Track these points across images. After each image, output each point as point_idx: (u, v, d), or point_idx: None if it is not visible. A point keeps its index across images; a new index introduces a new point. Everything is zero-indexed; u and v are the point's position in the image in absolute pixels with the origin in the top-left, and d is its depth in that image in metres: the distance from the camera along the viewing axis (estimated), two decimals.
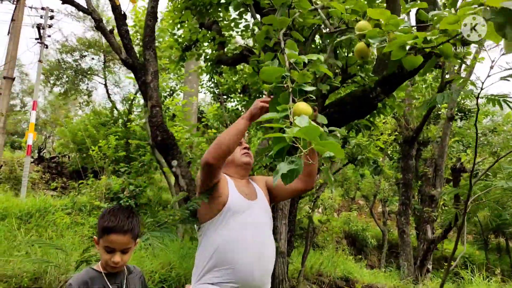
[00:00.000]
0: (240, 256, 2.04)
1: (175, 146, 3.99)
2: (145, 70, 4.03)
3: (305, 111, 1.32)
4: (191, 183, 3.97)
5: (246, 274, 2.03)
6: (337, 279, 4.94)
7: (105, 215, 1.81)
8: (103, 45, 16.67)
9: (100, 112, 16.13)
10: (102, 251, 1.78)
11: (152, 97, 3.97)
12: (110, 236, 1.75)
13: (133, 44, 4.29)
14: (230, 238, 2.06)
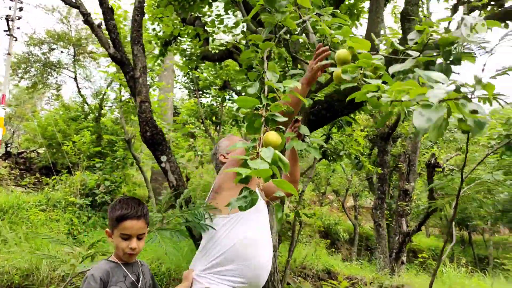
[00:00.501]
0: (258, 254, 2.12)
1: (164, 142, 4.00)
2: (134, 65, 4.02)
3: (274, 142, 1.38)
4: (180, 179, 4.00)
5: (259, 271, 2.12)
6: (319, 272, 5.08)
7: (116, 205, 1.87)
8: (73, 38, 16.30)
9: (70, 106, 15.80)
10: (119, 240, 1.84)
11: (141, 92, 3.96)
12: (126, 223, 1.81)
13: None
14: (251, 236, 2.12)
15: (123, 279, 1.85)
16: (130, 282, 1.87)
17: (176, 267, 3.93)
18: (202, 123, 10.97)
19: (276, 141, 1.38)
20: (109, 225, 1.88)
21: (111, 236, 1.88)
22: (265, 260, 2.16)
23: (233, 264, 2.08)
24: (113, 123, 14.73)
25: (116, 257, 1.90)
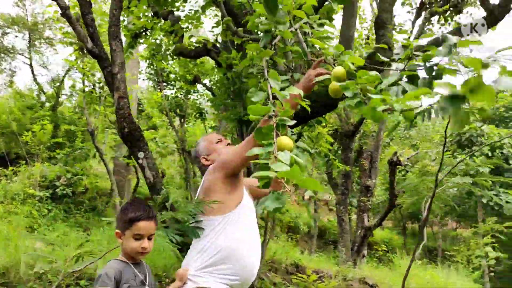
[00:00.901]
0: (251, 253, 2.23)
1: (141, 138, 4.01)
2: (112, 61, 3.99)
3: (287, 146, 1.44)
4: (157, 175, 4.03)
5: (251, 269, 2.22)
6: (288, 266, 5.25)
7: (128, 208, 1.96)
8: (29, 23, 15.65)
9: (24, 94, 15.23)
10: (131, 241, 1.92)
11: (120, 88, 3.94)
12: (139, 224, 1.91)
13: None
14: (244, 235, 2.22)
15: (133, 277, 1.94)
16: (139, 281, 1.96)
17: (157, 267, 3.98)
18: (167, 115, 10.91)
19: (289, 144, 1.44)
20: (119, 227, 1.97)
21: (121, 237, 1.96)
22: (256, 258, 2.27)
23: (228, 263, 2.17)
24: (71, 113, 14.34)
25: (124, 257, 1.97)
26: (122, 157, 9.22)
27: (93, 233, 7.34)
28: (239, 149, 2.18)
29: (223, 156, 2.29)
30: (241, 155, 2.16)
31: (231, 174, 2.22)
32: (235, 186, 2.26)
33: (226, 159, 2.23)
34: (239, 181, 2.29)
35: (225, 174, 2.22)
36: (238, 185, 2.28)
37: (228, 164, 2.21)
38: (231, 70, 3.98)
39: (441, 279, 6.85)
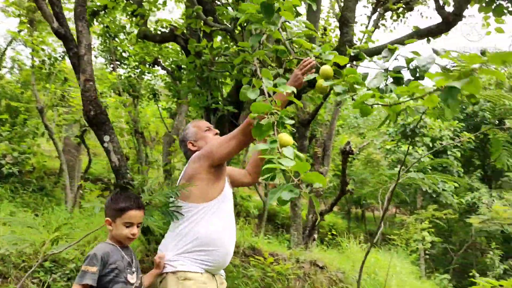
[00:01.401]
0: (227, 241, 2.38)
1: (107, 122, 3.99)
2: (78, 42, 3.92)
3: (288, 142, 1.57)
4: (122, 159, 4.03)
5: (224, 257, 2.37)
6: (245, 249, 5.44)
7: (118, 198, 2.11)
8: None
9: None
10: (121, 228, 2.07)
11: (86, 71, 3.89)
12: (130, 213, 2.07)
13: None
14: (222, 224, 2.36)
15: (121, 259, 2.06)
16: (127, 262, 2.09)
17: None
18: (119, 95, 10.68)
19: (289, 141, 1.57)
20: (109, 215, 2.10)
21: (111, 224, 2.09)
22: (231, 246, 2.43)
23: (206, 250, 2.30)
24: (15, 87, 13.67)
25: (113, 241, 2.11)
26: (74, 137, 8.98)
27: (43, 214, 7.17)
28: (225, 141, 2.30)
29: (209, 146, 2.38)
30: (227, 147, 2.28)
31: (215, 164, 2.33)
32: (218, 176, 2.37)
33: (212, 150, 2.34)
34: (223, 172, 2.41)
35: (210, 164, 2.33)
36: (221, 176, 2.40)
37: (214, 155, 2.31)
38: (199, 58, 4.04)
39: (383, 261, 7.30)
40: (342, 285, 5.94)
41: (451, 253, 13.40)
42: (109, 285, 2.00)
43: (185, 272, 2.25)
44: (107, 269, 2.00)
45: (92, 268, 1.96)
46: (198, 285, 2.24)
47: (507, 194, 11.59)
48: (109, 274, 2.01)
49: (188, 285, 2.23)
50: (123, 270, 2.05)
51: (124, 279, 2.05)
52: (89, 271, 1.95)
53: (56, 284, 3.38)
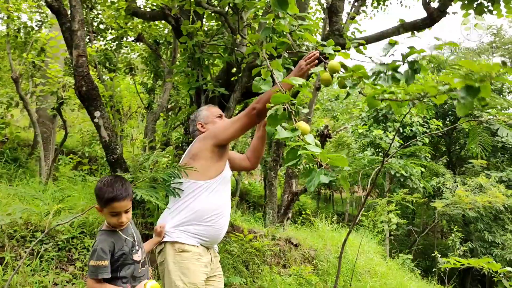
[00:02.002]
0: (221, 218, 2.54)
1: (98, 97, 4.05)
2: (72, 17, 3.94)
3: (307, 130, 1.66)
4: (113, 135, 4.12)
5: (220, 231, 2.55)
6: None
7: (102, 188, 2.12)
8: None
9: None
10: (108, 217, 2.14)
11: (79, 46, 3.92)
12: (113, 204, 2.10)
13: None
14: (217, 202, 2.52)
15: (124, 243, 2.16)
16: (130, 244, 2.19)
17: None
18: (95, 68, 10.52)
19: (308, 129, 1.67)
20: (98, 203, 2.15)
21: (101, 211, 2.15)
22: (225, 223, 2.61)
23: (200, 224, 2.47)
24: None
25: (110, 225, 2.18)
26: (50, 109, 8.85)
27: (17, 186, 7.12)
28: (230, 124, 2.45)
29: (215, 127, 2.54)
30: (232, 129, 2.44)
31: (219, 144, 2.49)
32: (220, 157, 2.53)
33: (217, 131, 2.49)
34: (225, 153, 2.56)
35: (214, 144, 2.48)
36: (223, 157, 2.55)
37: (218, 135, 2.47)
38: (192, 39, 4.12)
39: (353, 241, 7.64)
40: (315, 261, 6.24)
41: (414, 234, 14.02)
42: (118, 269, 2.11)
43: (182, 244, 2.42)
44: (115, 256, 2.10)
45: (103, 262, 2.04)
46: (194, 257, 2.42)
47: (470, 180, 12.17)
48: (118, 260, 2.11)
49: (186, 256, 2.41)
50: (129, 253, 2.15)
51: (131, 260, 2.16)
52: (100, 266, 2.03)
53: (48, 253, 3.48)
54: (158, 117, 5.94)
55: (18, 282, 2.99)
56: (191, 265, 2.37)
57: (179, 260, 2.39)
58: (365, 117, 13.15)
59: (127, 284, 2.12)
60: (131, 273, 2.15)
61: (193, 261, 2.39)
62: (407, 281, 7.25)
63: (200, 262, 2.42)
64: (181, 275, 2.35)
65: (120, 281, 2.11)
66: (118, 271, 2.11)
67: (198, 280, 2.37)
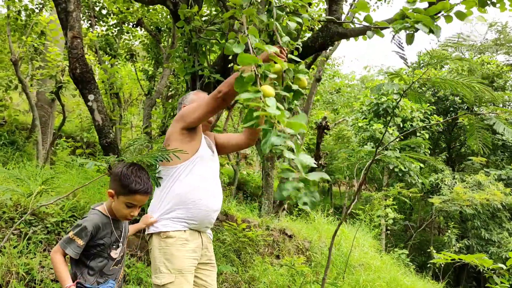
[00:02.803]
0: (205, 198, 2.48)
1: (93, 81, 4.00)
2: None
3: (271, 93, 1.58)
4: (106, 118, 4.08)
5: (207, 213, 2.49)
6: (219, 214, 5.60)
7: (129, 175, 2.02)
8: None
9: None
10: (122, 206, 2.04)
11: (74, 27, 3.87)
12: (137, 197, 2.02)
13: None
14: (197, 183, 2.46)
15: (109, 234, 2.09)
16: (114, 238, 2.12)
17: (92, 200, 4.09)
18: (96, 53, 10.45)
19: (271, 93, 1.58)
20: (114, 188, 2.04)
21: (113, 197, 2.05)
22: (212, 203, 2.52)
23: (183, 208, 2.43)
24: None
25: (108, 212, 2.10)
26: (48, 93, 8.81)
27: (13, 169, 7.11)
28: (197, 107, 2.41)
29: (183, 110, 2.51)
30: (198, 112, 2.41)
31: (187, 127, 2.46)
32: (192, 137, 2.49)
33: (184, 114, 2.46)
34: (196, 134, 2.52)
35: (182, 126, 2.46)
36: (195, 137, 2.51)
37: (185, 118, 2.44)
38: (189, 24, 4.06)
39: (348, 234, 7.62)
40: (309, 253, 6.22)
41: (411, 230, 14.02)
42: (90, 257, 2.03)
43: (166, 232, 2.39)
44: (94, 242, 2.02)
45: (79, 240, 1.95)
46: (179, 243, 2.38)
47: (469, 177, 12.13)
48: (94, 248, 2.03)
49: (170, 242, 2.37)
50: (108, 247, 2.07)
51: (107, 254, 2.08)
52: (75, 242, 1.94)
53: (36, 236, 3.45)
54: (155, 103, 5.90)
55: (3, 264, 2.96)
56: (175, 250, 2.34)
57: (164, 246, 2.36)
58: (366, 111, 13.09)
59: (92, 277, 2.03)
60: (101, 267, 2.07)
61: (178, 247, 2.35)
62: (401, 276, 7.24)
63: (187, 248, 2.38)
64: (165, 261, 2.32)
65: (87, 270, 2.02)
66: (89, 259, 2.04)
67: (184, 265, 2.33)
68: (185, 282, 2.31)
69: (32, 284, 3.08)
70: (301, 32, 4.32)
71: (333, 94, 14.85)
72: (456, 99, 13.52)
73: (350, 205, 3.11)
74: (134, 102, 17.31)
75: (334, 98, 14.92)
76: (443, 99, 14.12)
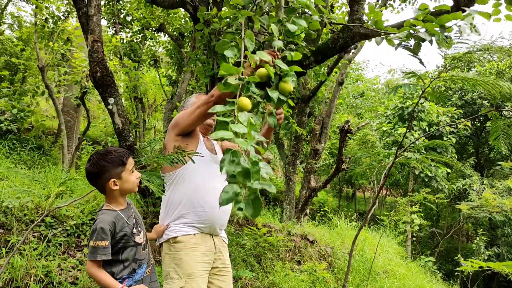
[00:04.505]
0: (209, 200, 2.43)
1: (113, 84, 4.02)
2: (88, 2, 3.92)
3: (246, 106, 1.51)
4: (126, 122, 4.09)
5: (211, 214, 2.44)
6: (240, 219, 5.56)
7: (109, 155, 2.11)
8: None
9: None
10: (129, 177, 2.13)
11: (94, 31, 3.90)
12: (130, 159, 2.13)
13: None
14: (200, 185, 2.43)
15: (126, 224, 2.10)
16: (132, 224, 2.13)
17: None
18: (121, 59, 10.60)
19: (248, 105, 1.52)
20: (113, 174, 2.08)
21: (116, 183, 2.09)
22: (216, 205, 2.42)
23: (189, 211, 2.40)
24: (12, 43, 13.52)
25: (113, 205, 2.13)
26: (74, 98, 8.96)
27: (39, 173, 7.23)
28: (190, 112, 2.37)
29: (177, 117, 2.48)
30: (190, 118, 2.37)
31: (181, 133, 2.43)
32: (187, 143, 2.46)
33: (177, 120, 2.44)
34: (192, 138, 2.49)
35: (176, 133, 2.44)
36: (191, 142, 2.48)
37: (179, 124, 2.42)
38: (208, 27, 4.04)
39: (372, 240, 7.47)
40: (331, 259, 6.10)
41: (438, 237, 13.67)
42: (120, 251, 2.05)
43: (175, 237, 2.36)
44: (116, 238, 2.04)
45: (102, 242, 1.97)
46: (187, 247, 2.35)
47: (498, 183, 11.76)
48: (119, 242, 2.05)
49: (179, 247, 2.35)
50: (130, 235, 2.09)
51: (133, 242, 2.10)
52: (100, 246, 1.96)
53: (56, 239, 3.47)
54: (175, 107, 5.90)
55: (22, 266, 2.98)
56: (184, 255, 2.31)
57: (173, 252, 2.35)
58: (390, 115, 12.86)
59: (127, 269, 2.07)
60: (133, 255, 2.10)
61: (186, 251, 2.32)
62: (427, 284, 7.03)
63: (197, 252, 2.35)
64: (175, 266, 2.30)
65: (122, 264, 2.05)
66: (120, 254, 2.05)
67: (194, 270, 2.29)
68: (195, 287, 2.27)
69: (50, 287, 3.08)
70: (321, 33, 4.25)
71: (357, 98, 14.66)
72: (484, 102, 13.16)
73: (370, 208, 3.02)
74: (158, 107, 17.51)
75: (358, 102, 14.73)
76: (470, 102, 13.77)
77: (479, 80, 2.82)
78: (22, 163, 8.35)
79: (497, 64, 13.54)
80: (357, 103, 14.77)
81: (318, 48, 4.10)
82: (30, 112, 9.34)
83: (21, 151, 8.89)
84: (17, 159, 8.48)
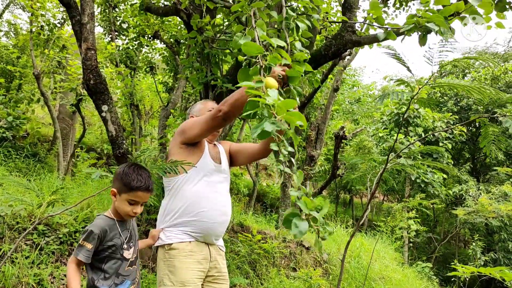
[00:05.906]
0: (207, 210, 2.42)
1: (106, 91, 4.03)
2: (82, 10, 3.93)
3: (274, 85, 1.54)
4: (120, 129, 4.09)
5: (209, 225, 2.43)
6: (234, 225, 5.54)
7: (131, 174, 2.06)
8: None
9: None
10: (124, 204, 2.06)
11: (88, 39, 3.91)
12: (138, 193, 2.05)
13: None
14: (199, 195, 2.42)
15: (118, 236, 2.09)
16: (125, 238, 2.12)
17: None
18: (116, 66, 10.61)
19: (275, 84, 1.55)
20: (116, 186, 2.08)
21: (115, 196, 2.08)
22: (216, 215, 2.45)
23: (186, 219, 2.39)
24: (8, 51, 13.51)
25: (113, 213, 2.12)
26: (69, 105, 8.96)
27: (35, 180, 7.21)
28: (198, 123, 2.37)
29: (184, 125, 2.48)
30: (198, 129, 2.37)
31: (186, 142, 2.43)
32: (191, 151, 2.46)
33: (185, 129, 2.44)
34: (197, 147, 2.49)
35: (182, 141, 2.44)
36: (196, 151, 2.48)
37: (185, 133, 2.42)
38: (201, 34, 4.06)
39: (368, 246, 7.46)
40: (326, 265, 6.09)
41: (434, 242, 13.67)
42: (104, 260, 2.04)
43: (170, 244, 2.36)
44: (104, 245, 2.03)
45: (88, 244, 1.98)
46: (183, 254, 2.34)
47: (494, 188, 11.78)
48: (106, 250, 2.04)
49: (173, 254, 2.34)
50: (119, 247, 2.08)
51: (120, 255, 2.09)
52: (84, 247, 1.97)
53: (48, 247, 3.46)
54: (170, 114, 5.92)
55: (14, 274, 2.97)
56: (178, 262, 2.30)
57: (167, 258, 2.33)
58: (386, 120, 12.90)
59: (108, 281, 2.04)
60: (116, 269, 2.08)
61: (181, 258, 2.31)
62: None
63: (191, 259, 2.34)
64: (169, 273, 2.29)
65: (103, 274, 2.03)
66: (104, 263, 2.05)
67: (187, 277, 2.29)
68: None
69: None
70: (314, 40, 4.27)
71: (353, 104, 14.69)
72: (479, 108, 13.21)
73: (362, 215, 3.02)
74: (155, 114, 17.51)
75: (354, 108, 14.77)
76: (465, 108, 13.82)
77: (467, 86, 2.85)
78: (17, 170, 8.33)
79: (491, 70, 13.62)
80: (353, 109, 14.80)
81: (311, 55, 4.12)
82: (25, 119, 9.32)
83: (17, 159, 8.88)
84: (12, 166, 8.46)
